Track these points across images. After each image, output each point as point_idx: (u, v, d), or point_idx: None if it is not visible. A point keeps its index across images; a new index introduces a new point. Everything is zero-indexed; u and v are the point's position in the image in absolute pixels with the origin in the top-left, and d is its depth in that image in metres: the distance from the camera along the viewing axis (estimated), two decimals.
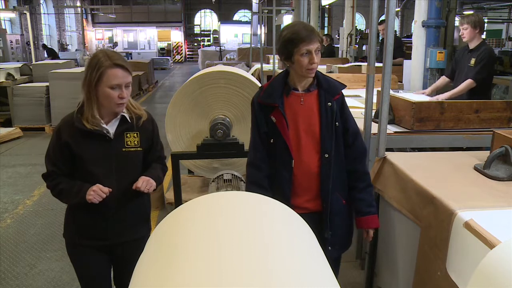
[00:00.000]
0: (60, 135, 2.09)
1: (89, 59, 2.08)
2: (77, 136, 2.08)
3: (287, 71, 2.32)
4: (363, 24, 28.67)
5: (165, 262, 1.13)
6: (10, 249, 4.04)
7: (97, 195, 2.05)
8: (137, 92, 13.82)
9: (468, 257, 1.76)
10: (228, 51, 21.80)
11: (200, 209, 1.40)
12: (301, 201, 2.32)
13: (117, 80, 2.02)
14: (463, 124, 3.45)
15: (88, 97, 2.06)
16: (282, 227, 1.30)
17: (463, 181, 2.31)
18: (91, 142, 2.11)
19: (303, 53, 2.13)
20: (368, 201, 2.37)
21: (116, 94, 2.04)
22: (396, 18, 23.41)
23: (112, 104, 2.06)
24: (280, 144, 2.26)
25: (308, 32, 2.13)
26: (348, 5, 11.81)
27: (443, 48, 5.91)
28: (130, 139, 2.19)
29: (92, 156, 2.11)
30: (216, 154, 4.13)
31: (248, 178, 2.39)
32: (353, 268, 3.50)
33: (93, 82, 2.02)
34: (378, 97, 3.04)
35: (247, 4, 27.87)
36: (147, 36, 31.81)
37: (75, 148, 2.09)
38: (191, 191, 4.82)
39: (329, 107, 2.25)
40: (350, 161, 2.35)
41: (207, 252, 1.09)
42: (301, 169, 2.27)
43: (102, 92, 2.03)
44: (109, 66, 2.00)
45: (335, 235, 2.35)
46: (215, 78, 4.39)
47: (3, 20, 17.68)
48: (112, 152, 2.14)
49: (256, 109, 2.33)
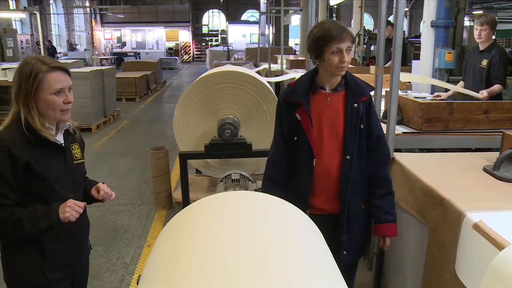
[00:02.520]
0: (15, 156, 1.73)
1: (19, 67, 1.81)
2: (35, 153, 1.79)
3: (316, 69, 2.29)
4: (371, 24, 28.57)
5: (173, 263, 1.13)
6: None
7: (73, 211, 1.78)
8: (145, 91, 13.89)
9: (477, 259, 1.75)
10: (236, 51, 21.81)
11: (208, 209, 1.41)
12: (319, 201, 2.28)
13: (60, 84, 1.81)
14: (472, 125, 3.43)
15: (28, 110, 1.78)
16: (289, 228, 1.30)
17: (472, 182, 2.29)
18: (48, 157, 1.85)
19: (333, 51, 2.10)
20: (386, 209, 2.27)
21: (61, 100, 1.82)
22: (404, 18, 23.30)
23: (57, 112, 1.82)
24: (303, 143, 2.23)
25: (339, 30, 2.11)
26: (356, 5, 11.79)
27: (452, 48, 5.88)
28: (75, 151, 1.99)
29: (53, 172, 1.85)
30: (224, 154, 4.13)
31: (265, 174, 2.39)
32: (361, 269, 3.48)
33: (31, 92, 1.76)
34: (386, 98, 3.03)
35: (255, 4, 27.90)
36: (155, 36, 31.94)
37: (36, 167, 1.78)
38: (198, 190, 4.83)
39: (355, 108, 2.21)
40: (371, 166, 2.29)
41: (213, 253, 1.10)
42: (321, 169, 2.24)
43: (44, 101, 1.79)
44: (47, 70, 1.78)
45: (351, 240, 2.28)
46: (223, 78, 4.40)
47: (14, 20, 17.84)
48: (67, 166, 1.92)
49: (282, 106, 2.31)
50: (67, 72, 1.87)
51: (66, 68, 1.86)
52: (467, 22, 13.13)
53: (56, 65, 1.82)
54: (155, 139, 7.87)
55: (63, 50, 23.24)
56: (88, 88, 8.54)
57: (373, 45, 10.70)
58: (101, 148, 7.41)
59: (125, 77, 13.03)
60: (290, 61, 9.75)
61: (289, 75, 7.31)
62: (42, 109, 1.80)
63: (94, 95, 8.81)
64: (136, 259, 3.81)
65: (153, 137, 8.38)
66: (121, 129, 9.29)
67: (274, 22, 16.95)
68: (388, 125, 2.73)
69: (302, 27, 13.14)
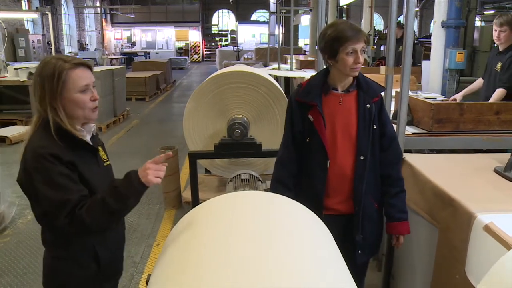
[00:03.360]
0: (59, 157, 1.63)
1: (39, 70, 1.71)
2: (74, 155, 1.69)
3: (327, 70, 2.28)
4: (381, 25, 28.44)
5: (183, 263, 1.14)
6: (31, 245, 4.11)
7: (156, 172, 1.62)
8: (155, 91, 13.95)
9: (488, 260, 1.74)
10: (246, 51, 21.79)
11: (218, 209, 1.41)
12: (333, 202, 2.27)
13: (84, 81, 1.71)
14: (483, 126, 3.40)
15: (55, 113, 1.68)
16: (300, 230, 1.31)
17: (483, 183, 2.28)
18: (85, 159, 1.74)
19: (348, 52, 2.09)
20: (400, 207, 2.31)
21: (88, 98, 1.72)
22: (415, 18, 23.12)
23: (86, 110, 1.73)
24: (316, 144, 2.22)
25: (354, 31, 2.10)
26: (366, 5, 11.72)
27: (462, 49, 5.82)
28: (102, 153, 1.88)
29: (93, 175, 1.74)
30: (233, 154, 4.14)
31: (274, 175, 2.38)
32: (370, 269, 3.47)
33: (56, 93, 1.66)
34: (396, 98, 3.02)
35: (265, 4, 27.88)
36: (165, 35, 32.04)
37: (81, 167, 1.69)
38: (208, 190, 4.84)
39: (367, 109, 2.21)
40: (384, 166, 2.30)
41: (223, 254, 1.10)
42: (335, 170, 2.23)
43: (71, 100, 1.69)
44: (70, 68, 1.68)
45: (365, 239, 2.30)
46: (232, 77, 4.40)
47: (26, 20, 18.00)
48: (102, 169, 1.84)
49: (293, 107, 2.30)
50: (90, 68, 1.77)
51: (88, 63, 1.77)
52: (478, 22, 13.00)
53: (78, 62, 1.73)
54: (164, 139, 7.91)
55: (73, 50, 23.38)
56: (98, 87, 8.45)
57: (382, 45, 10.65)
58: (111, 147, 7.47)
59: (135, 76, 13.09)
60: (299, 61, 9.74)
61: (296, 73, 7.28)
62: (70, 110, 1.70)
63: (104, 95, 8.86)
64: (145, 258, 3.84)
65: (163, 136, 8.42)
66: (131, 129, 9.35)
67: (284, 22, 16.93)
68: (398, 125, 2.72)
69: (312, 27, 13.13)
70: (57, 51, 18.02)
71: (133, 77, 12.86)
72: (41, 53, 17.23)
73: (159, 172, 1.61)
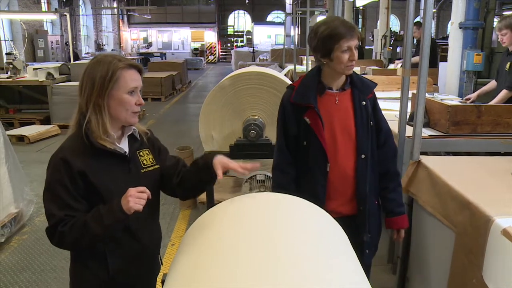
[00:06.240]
0: (70, 165, 1.63)
1: (91, 66, 1.72)
2: (92, 162, 1.67)
3: (319, 68, 2.25)
4: (397, 26, 28.21)
5: (200, 264, 1.15)
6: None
7: (136, 199, 1.60)
8: (170, 91, 14.03)
9: (506, 265, 1.72)
10: (261, 52, 21.83)
11: (235, 210, 1.42)
12: (334, 205, 2.22)
13: (135, 83, 1.72)
14: (501, 129, 3.36)
15: (98, 110, 1.69)
16: (316, 231, 1.31)
17: (500, 186, 2.25)
18: (110, 166, 1.72)
19: (344, 49, 2.07)
20: (399, 201, 2.34)
21: (134, 100, 1.72)
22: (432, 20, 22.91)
23: (128, 113, 1.72)
24: (315, 147, 2.18)
25: (348, 28, 2.08)
26: (383, 6, 11.64)
27: (480, 50, 5.75)
28: (144, 158, 1.84)
29: (115, 183, 1.71)
30: (248, 155, 4.15)
31: (274, 182, 2.33)
32: (384, 272, 3.46)
33: (107, 90, 1.67)
34: (413, 100, 3.00)
35: (281, 5, 27.89)
36: (181, 36, 32.20)
37: (93, 177, 1.66)
38: (223, 191, 4.86)
39: (363, 106, 2.19)
40: (382, 162, 2.30)
41: (239, 255, 1.10)
42: (336, 172, 2.20)
43: (118, 99, 1.69)
44: (124, 67, 1.69)
45: (372, 238, 2.31)
46: (248, 78, 4.42)
47: (45, 22, 18.26)
48: (133, 177, 1.76)
49: (287, 110, 2.24)
50: (140, 73, 1.77)
51: (140, 67, 1.78)
52: (496, 27, 12.82)
53: (131, 63, 1.73)
54: (180, 139, 7.95)
55: (91, 51, 23.64)
56: None
57: (399, 47, 10.55)
58: None
59: (151, 77, 13.17)
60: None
61: None
62: (114, 110, 1.70)
63: None
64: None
65: (178, 137, 8.47)
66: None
67: (300, 23, 16.91)
68: (414, 127, 2.70)
69: None
70: (74, 51, 18.24)
71: (149, 78, 12.93)
72: (59, 53, 17.45)
73: (141, 200, 1.60)
